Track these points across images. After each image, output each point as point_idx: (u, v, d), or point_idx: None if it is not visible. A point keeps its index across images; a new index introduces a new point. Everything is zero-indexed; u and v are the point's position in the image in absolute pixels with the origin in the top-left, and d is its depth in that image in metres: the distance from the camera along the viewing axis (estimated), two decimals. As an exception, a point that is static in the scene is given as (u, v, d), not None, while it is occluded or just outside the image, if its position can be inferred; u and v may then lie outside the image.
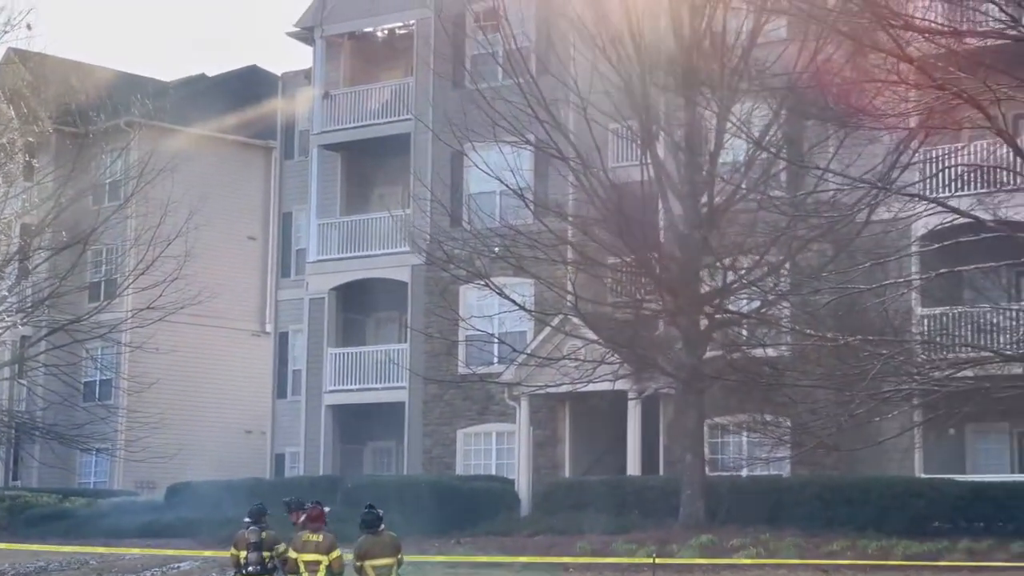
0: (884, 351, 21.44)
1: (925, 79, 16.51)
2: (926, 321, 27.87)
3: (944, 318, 28.09)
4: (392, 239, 40.14)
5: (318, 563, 18.55)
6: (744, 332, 28.79)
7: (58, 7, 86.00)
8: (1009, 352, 22.96)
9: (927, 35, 16.43)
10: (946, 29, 16.55)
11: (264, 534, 19.74)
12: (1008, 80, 17.08)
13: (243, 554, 19.76)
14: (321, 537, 18.65)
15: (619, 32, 30.69)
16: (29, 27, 34.45)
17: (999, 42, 17.71)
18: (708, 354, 30.48)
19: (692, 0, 29.87)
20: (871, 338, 21.67)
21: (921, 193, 23.14)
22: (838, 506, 29.35)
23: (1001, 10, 17.27)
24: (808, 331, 24.04)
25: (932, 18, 17.71)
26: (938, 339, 24.96)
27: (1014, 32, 17.04)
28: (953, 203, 22.07)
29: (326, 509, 18.92)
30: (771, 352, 27.58)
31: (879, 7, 16.05)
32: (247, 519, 19.92)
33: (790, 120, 26.33)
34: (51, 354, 39.97)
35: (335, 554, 18.59)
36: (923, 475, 30.75)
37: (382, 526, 18.30)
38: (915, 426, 24.54)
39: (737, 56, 28.33)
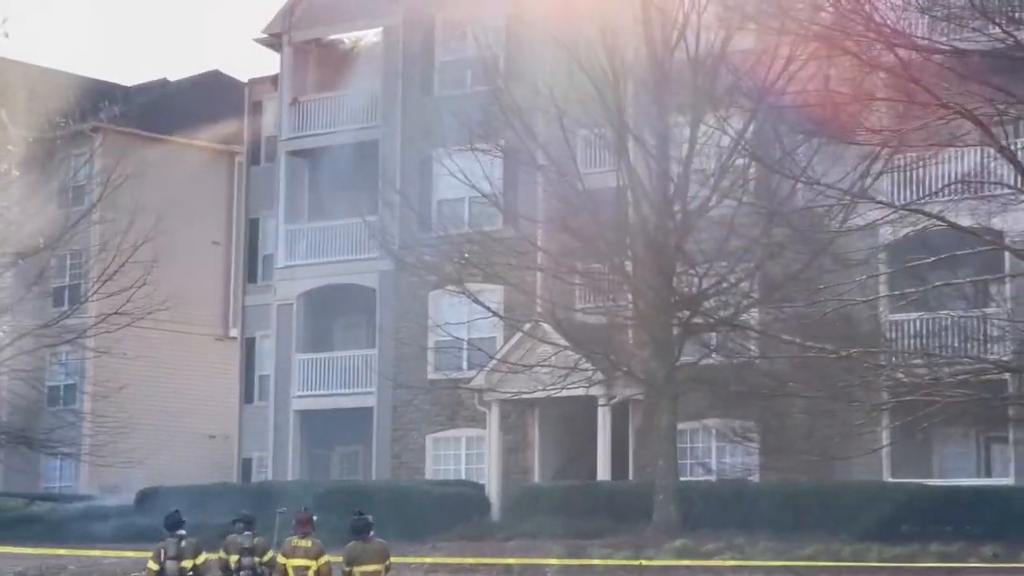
0: (881, 362, 21.73)
1: (929, 97, 16.82)
2: (907, 326, 28.24)
3: (919, 324, 28.53)
4: (360, 245, 40.24)
5: (307, 568, 18.73)
6: (731, 340, 28.89)
7: (20, 12, 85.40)
8: (1007, 360, 23.29)
9: (927, 54, 16.74)
10: (947, 48, 16.86)
11: (255, 540, 19.85)
12: (1006, 96, 17.40)
13: (234, 558, 19.86)
14: (310, 543, 18.84)
15: (591, 40, 30.87)
16: (7, 35, 34.19)
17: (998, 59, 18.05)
18: (681, 360, 30.69)
19: (663, 10, 30.06)
20: (872, 350, 21.93)
21: (897, 203, 23.46)
22: (809, 510, 29.62)
23: (1000, 28, 17.62)
24: (786, 337, 24.29)
25: (927, 34, 18.02)
26: (935, 349, 25.23)
27: (1009, 44, 17.38)
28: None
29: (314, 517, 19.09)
30: (763, 362, 27.76)
31: (883, 27, 16.35)
32: (239, 524, 20.02)
33: (763, 128, 26.57)
34: (16, 359, 39.77)
35: (323, 559, 18.78)
36: (891, 479, 31.12)
37: (371, 532, 18.50)
38: (910, 435, 24.71)
39: (709, 66, 28.54)
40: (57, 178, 41.43)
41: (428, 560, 28.38)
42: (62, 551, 31.77)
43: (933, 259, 22.05)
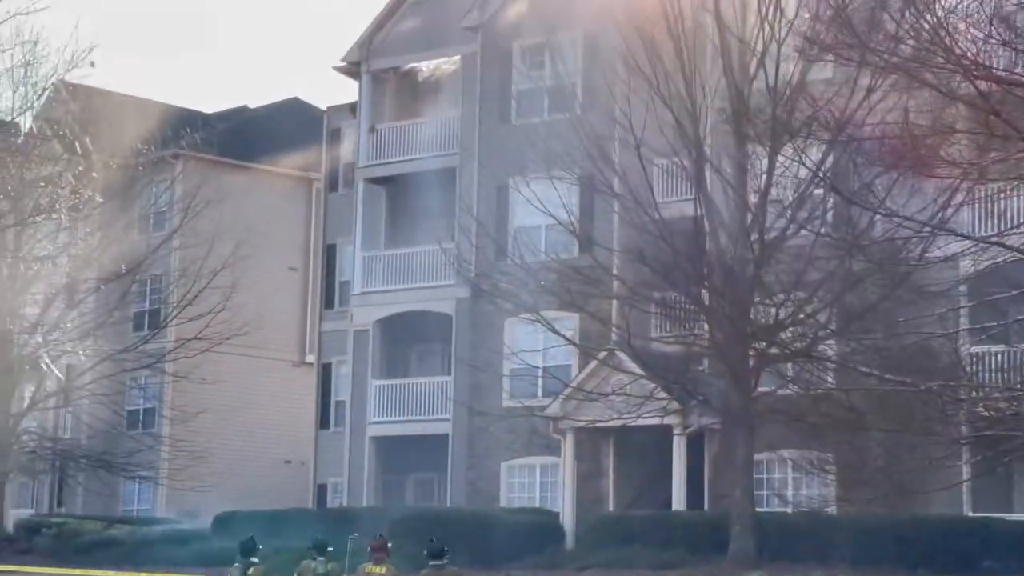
0: (961, 396, 21.50)
1: (1009, 130, 16.69)
2: (987, 359, 27.89)
3: (999, 357, 28.15)
4: (437, 272, 40.35)
5: (381, 593, 18.70)
6: (808, 371, 28.62)
7: (105, 41, 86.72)
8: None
9: (1007, 86, 16.61)
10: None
11: (329, 565, 19.94)
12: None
13: (309, 583, 19.92)
14: (384, 569, 18.83)
15: (669, 68, 30.81)
16: (93, 64, 34.73)
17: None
18: (758, 390, 30.49)
19: (742, 40, 29.96)
20: (951, 384, 21.70)
21: (977, 235, 23.22)
22: (887, 544, 29.27)
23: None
24: (864, 369, 24.07)
25: (1008, 66, 17.89)
26: (1016, 383, 24.90)
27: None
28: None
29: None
30: (840, 394, 27.50)
31: (963, 59, 16.24)
32: (312, 550, 20.13)
33: (841, 159, 26.38)
34: (97, 383, 40.25)
35: (398, 585, 18.76)
36: (972, 513, 30.69)
37: (446, 559, 18.49)
38: (991, 469, 24.39)
39: (787, 96, 28.37)
40: (139, 204, 41.99)
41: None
42: (140, 575, 32.05)
43: (1014, 293, 21.77)
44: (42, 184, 36.51)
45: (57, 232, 37.45)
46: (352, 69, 43.62)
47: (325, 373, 44.64)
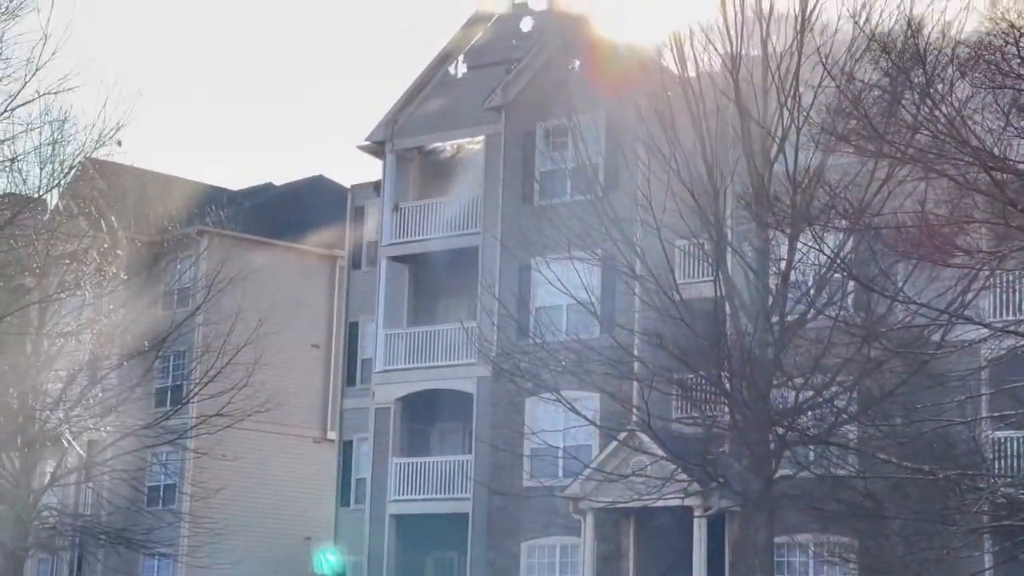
0: (980, 485, 21.44)
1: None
2: (1008, 445, 27.81)
3: (1018, 443, 28.08)
4: (458, 350, 40.52)
5: None
6: (827, 456, 28.55)
7: (133, 118, 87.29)
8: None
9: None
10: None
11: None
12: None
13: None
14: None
15: (690, 151, 30.98)
16: (120, 143, 35.00)
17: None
18: (778, 473, 30.39)
19: (762, 124, 30.14)
20: (970, 473, 21.65)
21: (996, 321, 23.25)
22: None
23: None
24: (882, 456, 24.01)
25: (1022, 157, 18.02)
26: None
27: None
28: None
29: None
30: (860, 480, 27.41)
31: (979, 150, 16.36)
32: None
33: (860, 246, 26.45)
34: (119, 459, 40.30)
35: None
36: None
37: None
38: (1012, 558, 24.24)
39: (806, 184, 28.50)
40: (163, 281, 42.24)
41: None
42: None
43: (1032, 381, 21.75)
44: (67, 261, 36.73)
45: (81, 308, 37.61)
46: (377, 148, 44.02)
47: (346, 450, 44.71)
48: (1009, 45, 16.29)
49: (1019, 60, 16.16)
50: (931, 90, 17.88)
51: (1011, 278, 24.49)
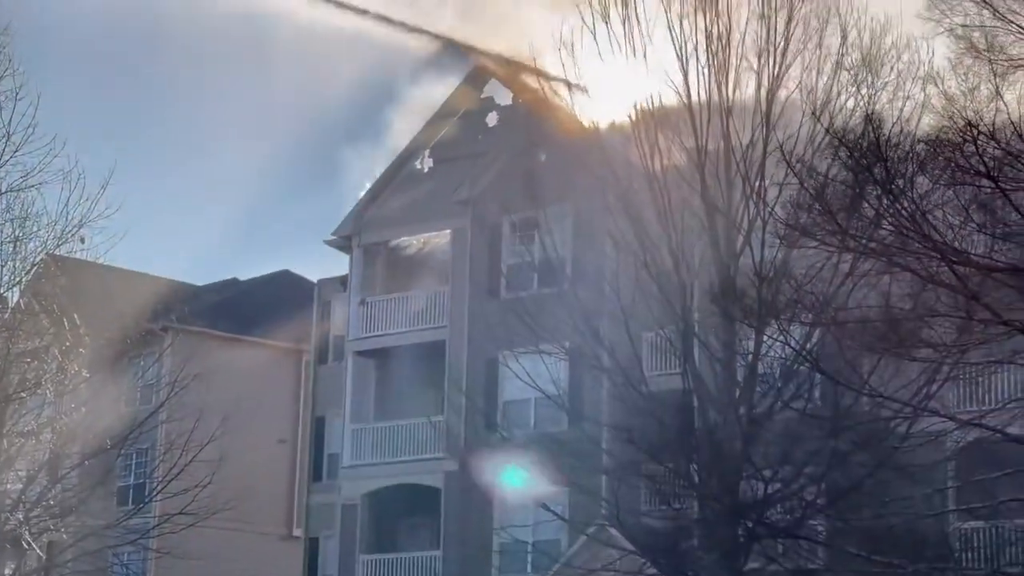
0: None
1: (989, 314, 16.81)
2: (975, 536, 27.69)
3: (985, 534, 27.96)
4: (426, 445, 40.30)
5: None
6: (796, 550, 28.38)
7: (95, 215, 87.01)
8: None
9: (986, 271, 16.77)
10: (1006, 265, 16.89)
11: None
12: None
13: None
14: None
15: (658, 245, 31.02)
16: (83, 240, 34.80)
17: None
18: (748, 566, 30.16)
19: (728, 216, 30.23)
20: (937, 565, 21.50)
21: (962, 412, 23.23)
22: None
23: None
24: (851, 550, 23.85)
25: (986, 251, 18.06)
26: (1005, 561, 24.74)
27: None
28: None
29: None
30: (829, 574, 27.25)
31: (941, 244, 16.41)
32: None
33: (825, 339, 26.47)
34: (80, 560, 39.67)
35: None
36: None
37: None
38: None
39: (771, 277, 28.54)
40: (126, 378, 41.82)
41: None
42: None
43: (997, 475, 21.68)
44: (28, 359, 36.31)
45: (42, 407, 37.17)
46: (343, 242, 43.98)
47: (312, 547, 44.22)
48: (967, 143, 16.38)
49: (977, 158, 16.24)
50: (892, 185, 17.93)
51: (973, 372, 24.49)
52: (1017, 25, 19.48)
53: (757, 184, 29.05)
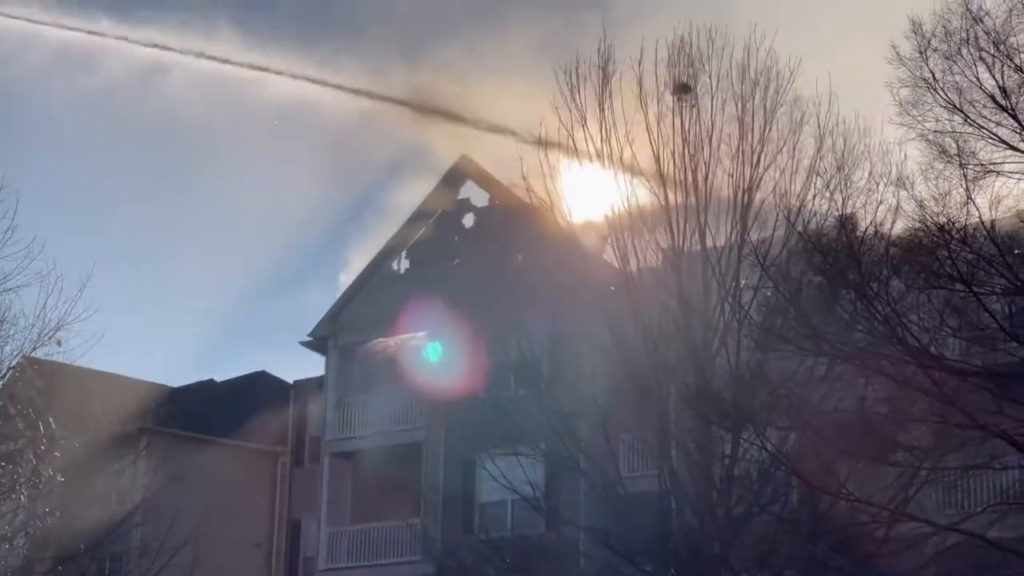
0: None
1: (965, 418, 16.85)
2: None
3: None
4: (403, 547, 40.00)
5: None
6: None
7: (72, 318, 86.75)
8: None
9: (962, 376, 16.85)
10: (980, 369, 16.96)
11: None
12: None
13: None
14: None
15: (634, 345, 31.03)
16: (59, 343, 34.68)
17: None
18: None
19: (704, 319, 30.29)
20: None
21: (940, 515, 23.14)
22: None
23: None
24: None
25: (961, 355, 18.14)
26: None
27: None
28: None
29: None
30: None
31: (915, 349, 16.49)
32: None
33: (802, 443, 26.44)
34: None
35: None
36: None
37: None
38: None
39: (747, 380, 28.54)
40: (101, 481, 41.46)
41: None
42: None
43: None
44: (2, 463, 36.08)
45: (16, 511, 36.82)
46: (319, 344, 43.88)
47: (288, 653, 43.70)
48: (940, 247, 16.50)
49: (951, 263, 16.35)
50: (866, 288, 18.02)
51: (952, 475, 24.47)
52: (988, 131, 19.71)
53: (732, 287, 29.12)
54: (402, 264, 43.87)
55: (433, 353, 40.53)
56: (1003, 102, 19.56)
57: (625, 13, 36.94)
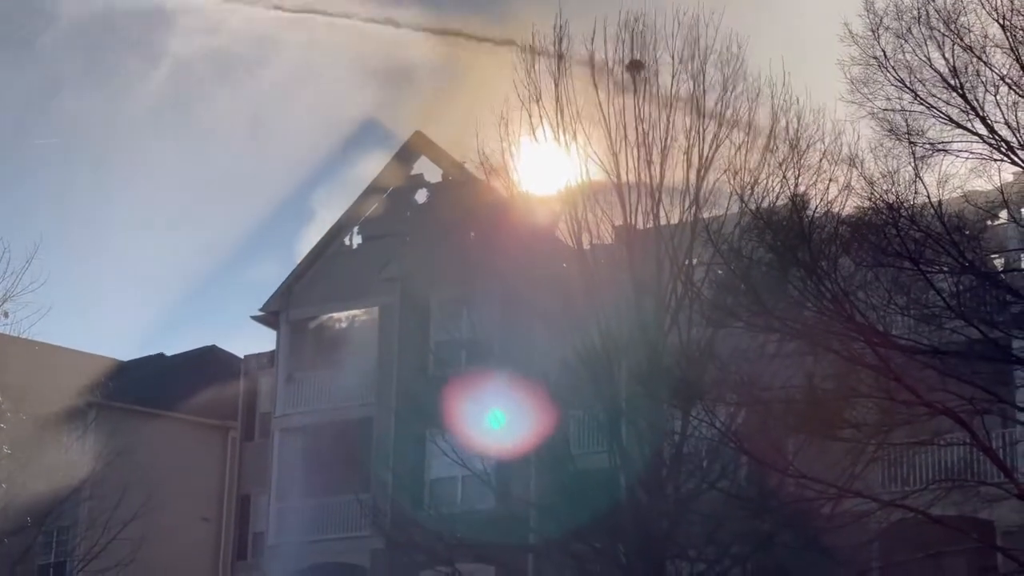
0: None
1: (911, 395, 16.99)
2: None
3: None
4: (352, 523, 39.91)
5: None
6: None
7: (18, 290, 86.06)
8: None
9: (908, 352, 17.00)
10: (927, 347, 17.11)
11: None
12: (985, 395, 17.61)
13: None
14: None
15: (585, 321, 31.08)
16: (6, 315, 34.47)
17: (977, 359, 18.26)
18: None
19: (656, 295, 30.37)
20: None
21: (886, 492, 23.34)
22: None
23: (977, 329, 17.88)
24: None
25: (908, 333, 18.30)
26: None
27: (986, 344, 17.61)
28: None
29: None
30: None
31: (864, 327, 16.60)
32: None
33: (750, 420, 26.58)
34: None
35: None
36: None
37: None
38: None
39: (697, 357, 28.64)
40: (48, 455, 41.24)
41: None
42: None
43: (921, 556, 21.79)
44: (-52, 437, 35.92)
45: (-39, 486, 36.65)
46: (271, 318, 43.74)
47: (237, 629, 43.63)
48: (889, 226, 16.60)
49: (899, 240, 16.46)
50: (816, 267, 18.12)
51: (898, 452, 24.67)
52: (937, 110, 19.85)
53: (685, 264, 29.21)
54: (354, 239, 43.75)
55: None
56: (952, 81, 19.69)
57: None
